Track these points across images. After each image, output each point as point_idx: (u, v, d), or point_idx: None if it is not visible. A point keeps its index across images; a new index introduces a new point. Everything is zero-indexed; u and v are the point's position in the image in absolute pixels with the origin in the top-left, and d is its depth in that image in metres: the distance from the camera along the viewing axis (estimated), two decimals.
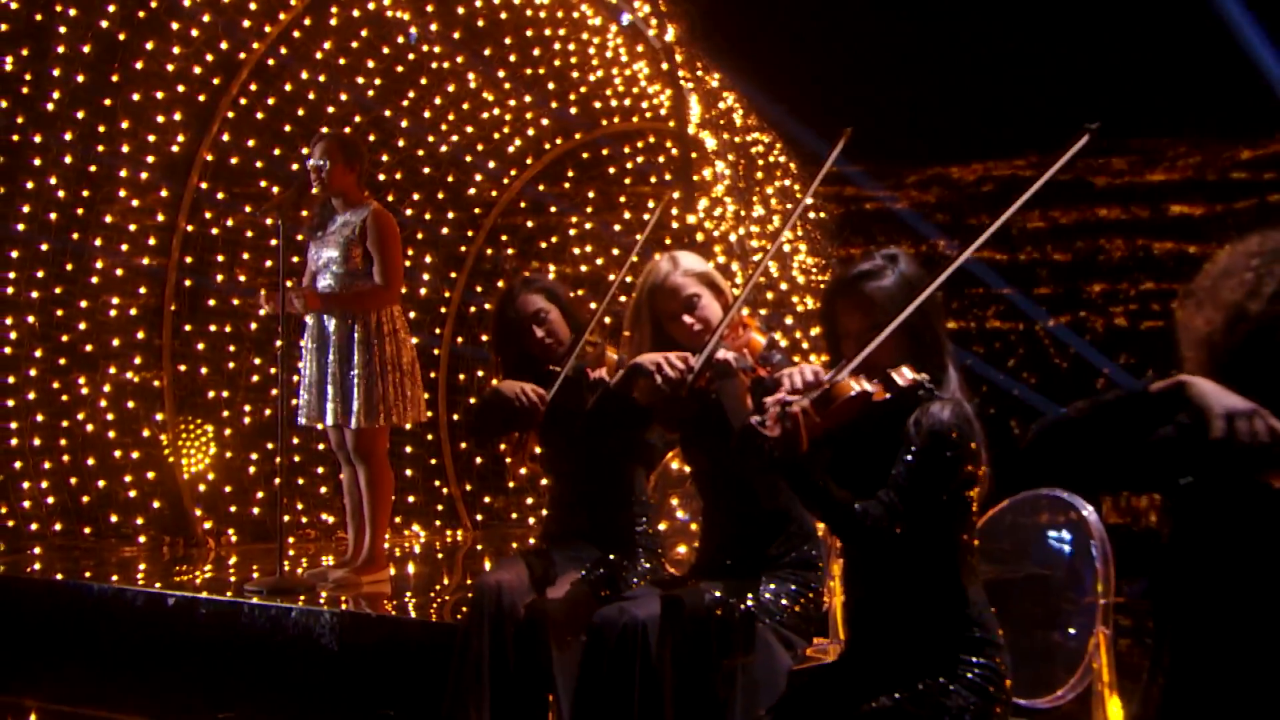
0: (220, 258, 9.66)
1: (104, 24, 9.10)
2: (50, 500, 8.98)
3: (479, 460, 10.29)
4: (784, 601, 4.24)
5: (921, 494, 3.45)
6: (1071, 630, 3.99)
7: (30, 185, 9.05)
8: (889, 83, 14.07)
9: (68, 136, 9.13)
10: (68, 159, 9.16)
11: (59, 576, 7.87)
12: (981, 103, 14.35)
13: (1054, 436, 3.01)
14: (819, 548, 4.38)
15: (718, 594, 4.17)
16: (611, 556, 4.93)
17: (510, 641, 4.64)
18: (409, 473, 9.87)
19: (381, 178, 9.95)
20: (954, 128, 14.94)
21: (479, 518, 10.25)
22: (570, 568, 4.90)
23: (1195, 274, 3.01)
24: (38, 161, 9.06)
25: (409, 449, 10.00)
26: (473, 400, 10.36)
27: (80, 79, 9.09)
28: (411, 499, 9.88)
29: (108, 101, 9.23)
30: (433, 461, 10.25)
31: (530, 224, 10.62)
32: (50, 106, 9.05)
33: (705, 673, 4.07)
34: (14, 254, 9.04)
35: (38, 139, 9.04)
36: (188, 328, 9.58)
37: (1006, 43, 14.05)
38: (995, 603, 3.61)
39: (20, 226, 9.04)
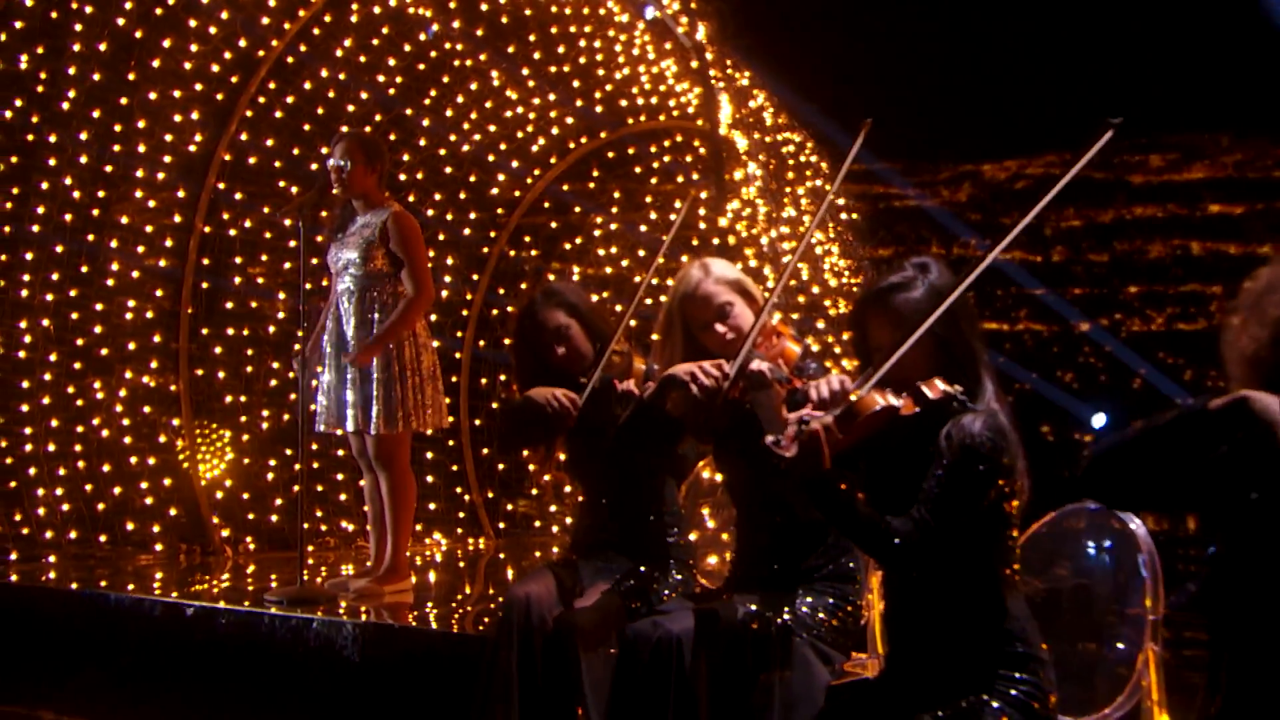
0: (238, 259, 9.70)
1: (120, 21, 9.12)
2: (65, 507, 8.99)
3: (501, 466, 10.31)
4: (821, 615, 4.24)
5: (954, 509, 3.44)
6: (1119, 645, 3.98)
7: (45, 186, 9.07)
8: (920, 79, 14.04)
9: (83, 136, 9.14)
10: (83, 159, 9.18)
11: (74, 586, 7.90)
12: (1014, 99, 14.31)
13: (1111, 461, 3.02)
14: (857, 560, 4.38)
15: (753, 607, 4.17)
16: (642, 568, 4.92)
17: (539, 654, 4.64)
18: (430, 479, 9.88)
19: (402, 177, 9.97)
20: (986, 124, 14.90)
21: (501, 525, 10.27)
22: (600, 579, 4.91)
23: (1235, 275, 2.99)
24: (53, 161, 9.08)
25: (430, 455, 10.02)
26: (495, 405, 10.38)
27: (96, 77, 9.10)
28: (433, 506, 9.89)
29: (124, 100, 9.25)
30: (454, 468, 10.27)
31: (554, 224, 10.64)
32: (66, 105, 9.06)
33: (741, 689, 4.07)
34: (28, 256, 9.05)
35: (53, 138, 9.05)
36: (204, 331, 9.62)
37: (1040, 37, 14.01)
38: (1039, 617, 3.60)
39: (35, 228, 9.05)
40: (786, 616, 4.17)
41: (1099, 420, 13.29)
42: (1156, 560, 3.92)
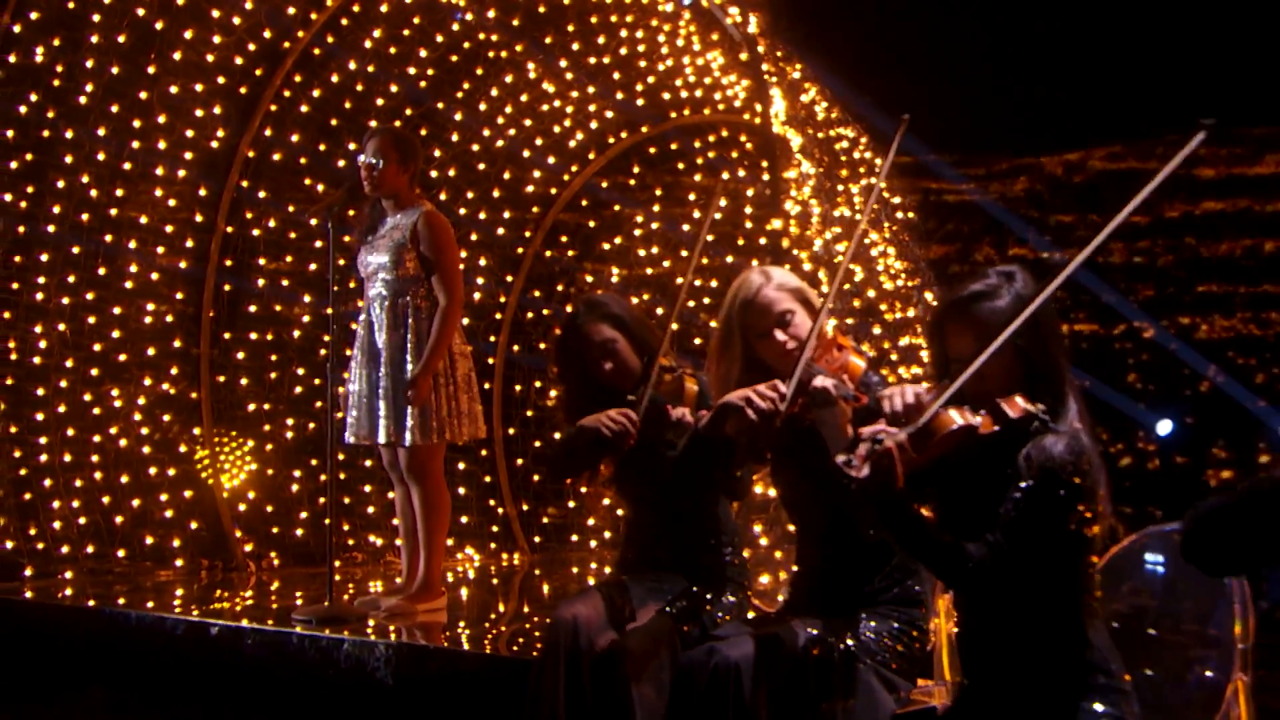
0: (262, 261, 9.74)
1: (140, 12, 9.15)
2: (81, 521, 9.03)
3: (536, 478, 10.30)
4: (886, 640, 4.21)
5: (1031, 535, 3.41)
6: (1207, 674, 3.94)
7: (61, 184, 9.10)
8: (976, 67, 14.00)
9: (101, 132, 9.18)
10: (101, 156, 9.22)
11: (91, 603, 7.91)
12: (1074, 87, 14.25)
13: (1214, 523, 3.02)
14: (924, 582, 4.34)
15: (815, 632, 4.14)
16: (695, 589, 4.90)
17: (587, 679, 4.61)
18: (462, 491, 9.88)
19: (434, 175, 9.97)
20: (1044, 114, 14.84)
21: (537, 539, 10.27)
22: (650, 600, 4.88)
23: None
24: (69, 158, 9.11)
25: (462, 466, 10.03)
26: (529, 412, 10.38)
27: (115, 70, 9.14)
28: (465, 519, 9.90)
29: (144, 94, 9.29)
30: (487, 479, 10.28)
31: (592, 223, 10.64)
32: (83, 100, 9.10)
33: (802, 718, 4.04)
34: (43, 257, 9.08)
35: (69, 134, 9.09)
36: (227, 336, 9.67)
37: (1102, 23, 13.95)
38: (1120, 645, 3.56)
39: (50, 228, 9.08)
40: (850, 642, 4.14)
41: (1164, 427, 13.22)
42: (1247, 588, 3.88)
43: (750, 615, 5.01)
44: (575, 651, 4.65)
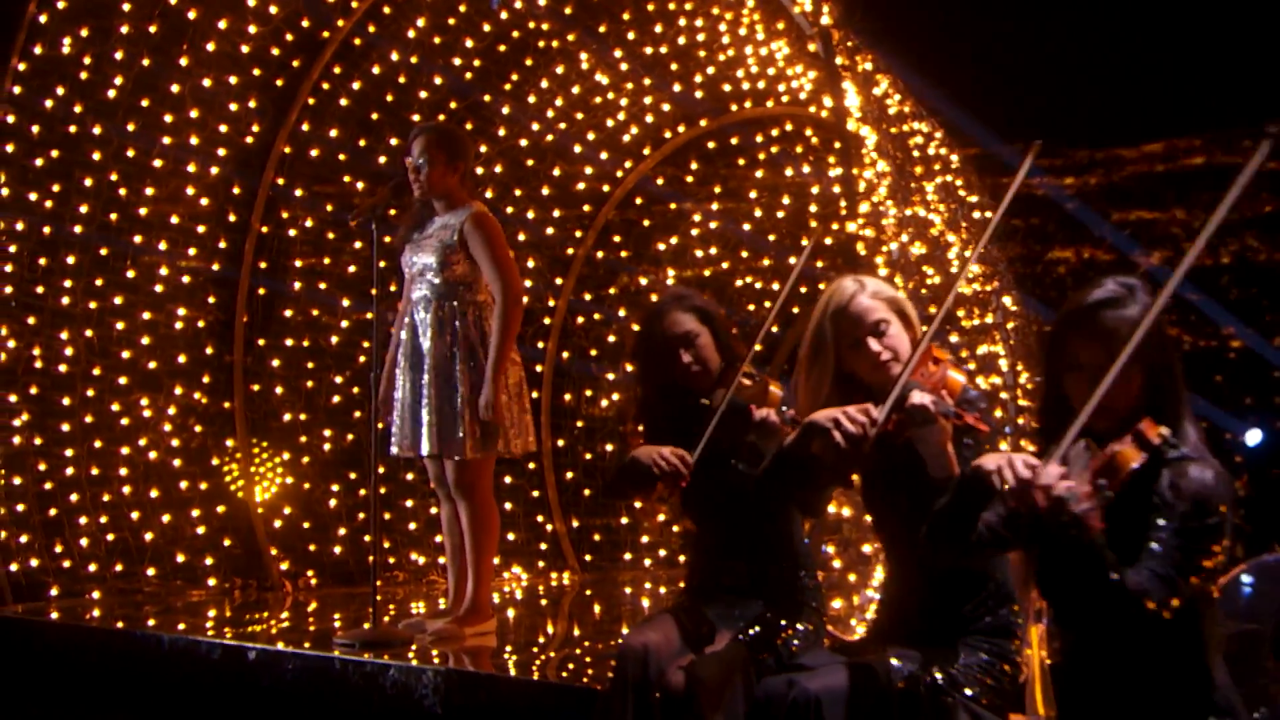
0: (298, 263, 9.76)
1: (172, 1, 9.19)
2: (109, 538, 9.08)
3: (587, 492, 10.28)
4: (976, 674, 4.18)
5: (1189, 567, 3.38)
6: None
7: (88, 182, 9.16)
8: (1047, 55, 13.91)
9: (130, 127, 9.24)
10: (130, 152, 9.28)
11: (120, 624, 7.97)
12: (1157, 74, 14.14)
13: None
14: (1016, 612, 4.31)
15: (903, 664, 4.12)
16: (769, 614, 4.88)
17: (658, 711, 4.61)
18: (508, 506, 9.87)
19: (480, 171, 9.97)
20: (1125, 103, 14.73)
21: (588, 557, 10.25)
22: (722, 626, 4.88)
23: None
24: (97, 155, 9.18)
25: (508, 479, 10.01)
26: (579, 423, 10.38)
27: (145, 62, 9.18)
28: (511, 536, 9.89)
29: (175, 88, 9.34)
30: (535, 493, 10.27)
31: (647, 222, 10.62)
32: (112, 93, 9.15)
33: None
34: (70, 260, 9.14)
35: (97, 130, 9.14)
36: (261, 342, 9.70)
37: (1178, 9, 13.83)
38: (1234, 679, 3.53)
39: (77, 228, 9.14)
40: (938, 675, 4.12)
41: (1254, 437, 13.11)
42: None
43: (825, 643, 5.00)
44: (645, 682, 4.64)
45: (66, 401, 9.11)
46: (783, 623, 4.88)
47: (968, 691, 4.15)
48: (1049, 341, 3.69)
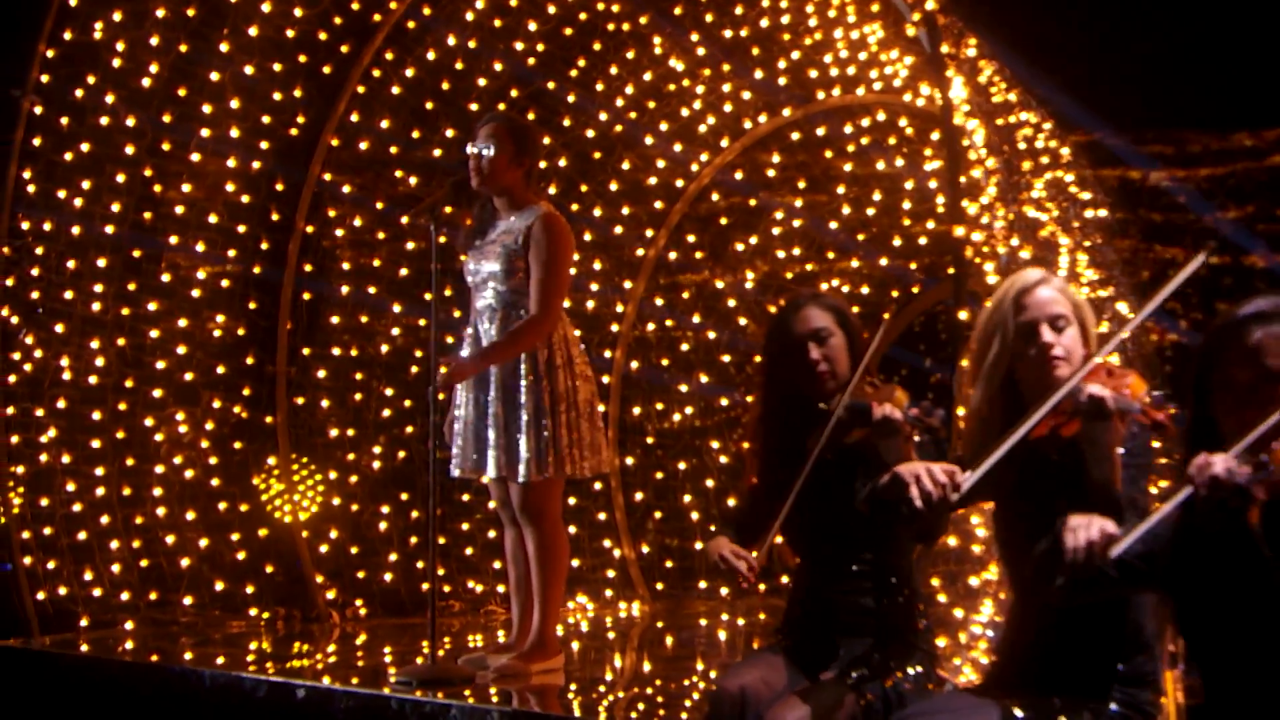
0: (346, 265, 9.76)
1: None
2: (143, 564, 9.11)
3: (658, 515, 10.25)
4: None
5: None
6: None
7: (121, 178, 9.21)
8: (1169, 31, 13.77)
9: (166, 119, 9.28)
10: (166, 146, 9.32)
11: (154, 658, 8.00)
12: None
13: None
14: (1155, 661, 4.24)
15: (1026, 714, 4.06)
16: (877, 655, 4.84)
17: None
18: (573, 530, 9.80)
19: (542, 165, 9.93)
20: (1244, 87, 14.56)
21: (659, 585, 10.21)
22: (827, 666, 4.86)
23: None
24: (130, 149, 9.22)
25: (572, 500, 9.97)
26: (649, 439, 10.35)
27: (182, 49, 9.24)
28: (576, 563, 9.83)
29: (215, 76, 9.38)
30: (601, 516, 10.24)
31: (724, 220, 10.57)
32: (146, 82, 9.20)
33: None
34: (100, 262, 9.18)
35: (131, 122, 9.19)
36: (306, 351, 9.72)
37: None
38: None
39: (109, 228, 9.19)
40: None
41: None
42: None
43: (929, 686, 4.95)
44: None
45: (97, 416, 9.14)
46: (892, 664, 4.84)
47: None
48: (1195, 362, 3.65)
